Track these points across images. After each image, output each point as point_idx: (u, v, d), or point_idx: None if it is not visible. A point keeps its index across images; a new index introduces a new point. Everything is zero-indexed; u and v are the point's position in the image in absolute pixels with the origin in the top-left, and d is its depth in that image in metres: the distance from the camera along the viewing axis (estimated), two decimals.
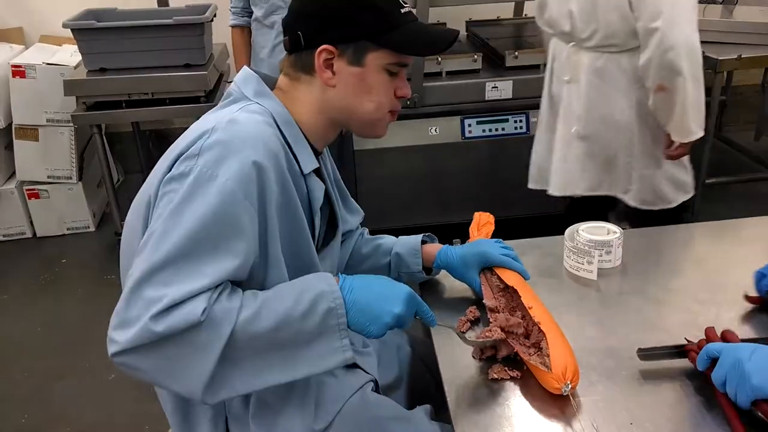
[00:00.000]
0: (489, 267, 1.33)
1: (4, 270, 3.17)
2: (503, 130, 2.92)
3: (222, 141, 0.96)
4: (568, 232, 1.48)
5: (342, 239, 1.34)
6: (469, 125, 2.91)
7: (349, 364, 1.24)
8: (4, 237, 3.40)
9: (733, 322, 1.25)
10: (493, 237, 1.43)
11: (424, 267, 1.37)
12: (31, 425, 2.22)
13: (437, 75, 2.88)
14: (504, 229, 1.51)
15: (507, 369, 1.13)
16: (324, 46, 1.06)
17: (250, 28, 2.64)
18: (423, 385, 1.39)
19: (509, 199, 3.05)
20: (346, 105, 1.10)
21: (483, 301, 1.26)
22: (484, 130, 2.92)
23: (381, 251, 1.39)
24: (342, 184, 1.35)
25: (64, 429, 2.19)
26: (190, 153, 0.97)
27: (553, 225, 1.73)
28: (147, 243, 0.92)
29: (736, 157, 3.70)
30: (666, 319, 1.27)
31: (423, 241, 1.39)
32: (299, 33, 1.07)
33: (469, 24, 3.57)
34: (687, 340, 1.18)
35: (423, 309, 1.07)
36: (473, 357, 1.18)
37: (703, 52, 1.87)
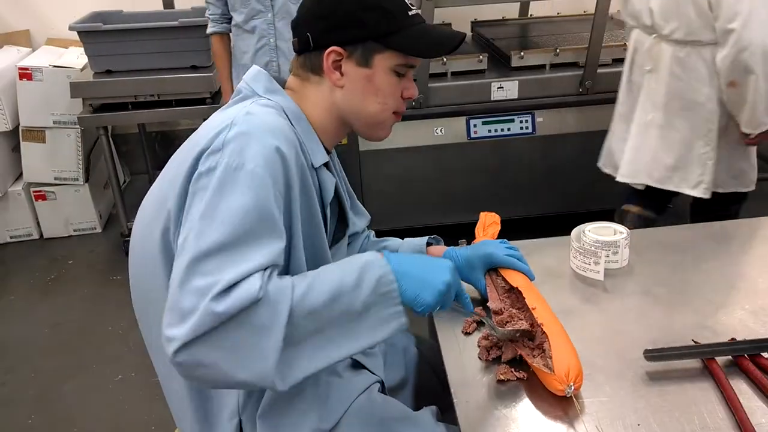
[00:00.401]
0: (494, 268, 1.33)
1: (12, 271, 3.19)
2: (509, 130, 2.92)
3: (243, 132, 0.97)
4: (574, 232, 1.47)
5: (348, 242, 1.34)
6: (475, 126, 2.90)
7: (356, 365, 1.24)
8: (12, 238, 3.42)
9: (741, 322, 1.24)
10: (498, 237, 1.43)
11: None
12: (38, 426, 2.23)
13: (442, 75, 2.87)
14: (510, 230, 1.51)
15: (513, 370, 1.12)
16: (332, 48, 1.07)
17: (230, 35, 2.62)
18: (429, 387, 1.39)
19: (515, 200, 3.04)
20: (353, 105, 1.12)
21: (488, 304, 1.26)
22: (489, 131, 2.91)
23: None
24: (350, 187, 1.35)
25: (70, 430, 2.20)
26: (214, 147, 0.97)
27: (559, 225, 1.72)
28: (186, 241, 0.92)
29: None
30: (673, 320, 1.26)
31: (428, 243, 1.39)
32: (308, 34, 1.09)
33: (475, 24, 3.57)
34: (694, 341, 1.17)
35: (462, 291, 1.10)
36: (479, 358, 1.17)
37: None
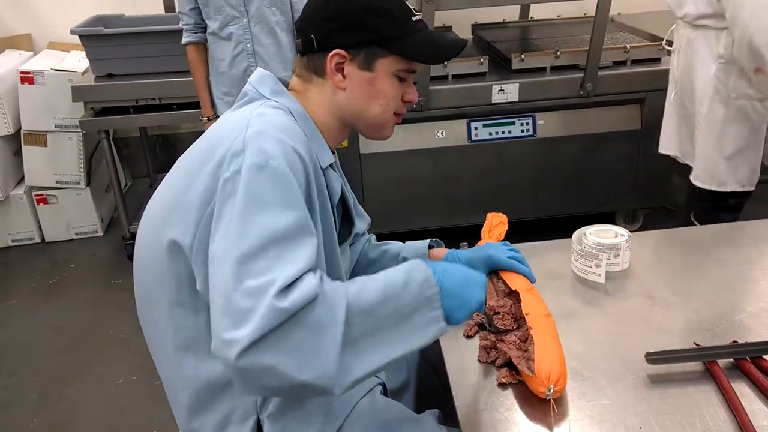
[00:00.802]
0: (496, 270, 1.33)
1: (13, 275, 3.19)
2: (510, 133, 2.92)
3: (261, 131, 0.98)
4: (575, 234, 1.47)
5: (350, 243, 1.34)
6: (476, 128, 2.90)
7: None
8: (13, 242, 3.42)
9: (743, 325, 1.24)
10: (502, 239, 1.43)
11: None
12: (39, 429, 2.23)
13: (443, 78, 2.88)
14: (511, 232, 1.51)
15: (514, 373, 1.12)
16: (336, 51, 1.08)
17: (205, 44, 2.60)
18: (431, 389, 1.39)
19: (516, 202, 3.04)
20: (355, 107, 1.13)
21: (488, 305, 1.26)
22: (490, 133, 2.91)
23: (388, 256, 1.39)
24: (349, 188, 1.35)
25: None
26: (235, 150, 0.96)
27: (560, 228, 1.72)
28: (226, 246, 0.89)
29: None
30: (675, 323, 1.26)
31: (430, 246, 1.39)
32: (312, 36, 1.09)
33: (475, 27, 3.58)
34: (696, 344, 1.17)
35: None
36: (479, 361, 1.18)
37: None
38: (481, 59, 2.87)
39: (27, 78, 3.18)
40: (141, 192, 3.78)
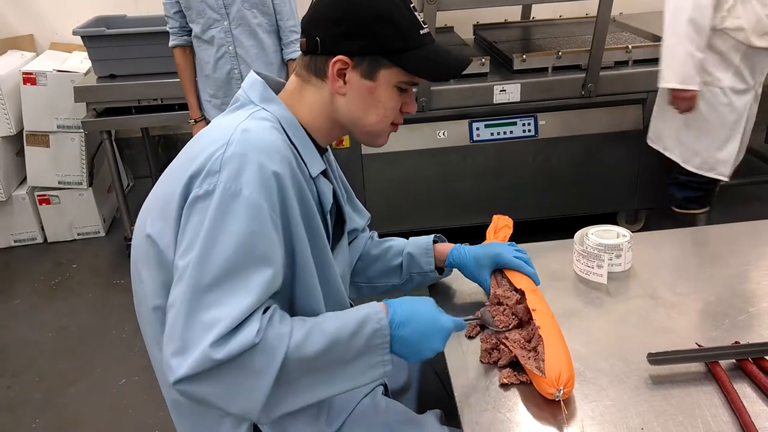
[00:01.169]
0: (500, 270, 1.33)
1: (16, 275, 3.20)
2: (511, 133, 2.92)
3: (239, 153, 0.97)
4: (577, 235, 1.47)
5: (349, 240, 1.34)
6: (477, 129, 2.90)
7: None
8: (16, 242, 3.43)
9: (745, 325, 1.24)
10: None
11: (436, 267, 1.37)
12: (42, 429, 2.23)
13: (445, 81, 2.87)
14: (513, 233, 1.51)
15: (517, 374, 1.12)
16: (339, 57, 1.06)
17: (192, 47, 2.62)
18: (432, 390, 1.39)
19: (517, 203, 3.04)
20: (352, 114, 1.11)
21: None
22: (492, 134, 2.91)
23: (392, 253, 1.40)
24: (347, 183, 1.35)
25: None
26: (211, 169, 0.97)
27: (562, 228, 1.72)
28: (187, 268, 0.93)
29: (747, 159, 3.67)
30: (676, 323, 1.26)
31: (434, 241, 1.39)
32: (317, 38, 1.07)
33: (477, 27, 3.58)
34: (698, 345, 1.17)
35: (461, 327, 1.12)
36: (481, 361, 1.18)
37: None
38: (483, 59, 2.87)
39: (29, 79, 3.18)
40: (143, 192, 3.77)
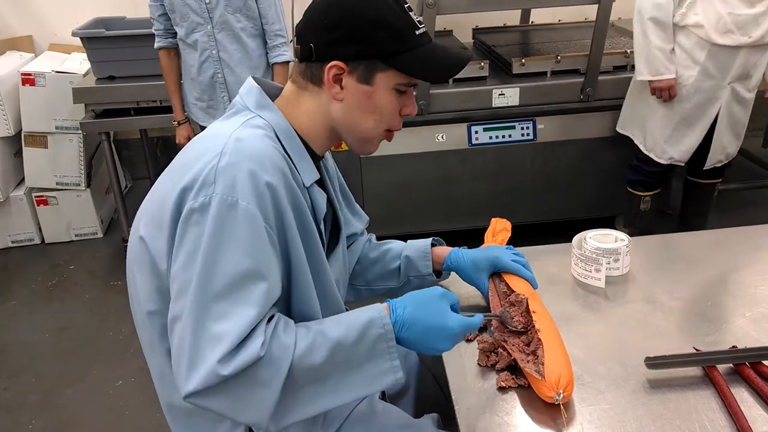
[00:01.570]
0: (498, 273, 1.33)
1: (13, 276, 3.19)
2: (510, 137, 2.92)
3: (233, 163, 0.97)
4: (575, 239, 1.47)
5: (348, 243, 1.34)
6: (476, 132, 2.91)
7: None
8: (13, 243, 3.42)
9: (742, 330, 1.24)
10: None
11: (434, 270, 1.37)
12: (39, 431, 2.22)
13: (444, 82, 2.88)
14: (511, 236, 1.51)
15: (514, 378, 1.12)
16: (335, 63, 1.05)
17: (177, 49, 2.62)
18: (430, 394, 1.39)
19: (516, 206, 3.05)
20: (349, 119, 1.10)
21: (485, 316, 1.25)
22: (491, 137, 2.92)
23: (390, 256, 1.39)
24: (346, 187, 1.35)
25: None
26: (206, 180, 0.96)
27: (560, 232, 1.72)
28: (191, 281, 0.93)
29: (745, 164, 3.68)
30: (674, 327, 1.26)
31: (432, 245, 1.39)
32: (311, 45, 1.06)
33: (476, 31, 3.58)
34: (695, 349, 1.17)
35: (473, 327, 1.07)
36: (479, 364, 1.18)
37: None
38: (482, 63, 2.87)
39: (28, 79, 3.18)
40: (141, 194, 3.76)
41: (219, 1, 2.42)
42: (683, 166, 2.70)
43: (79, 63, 3.33)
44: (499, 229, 1.51)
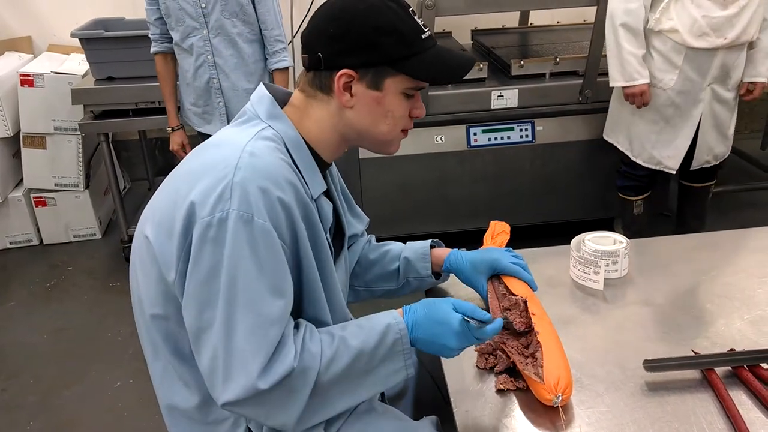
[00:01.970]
0: (497, 275, 1.33)
1: (11, 277, 3.19)
2: (509, 138, 2.93)
3: (249, 178, 0.97)
4: (574, 241, 1.48)
5: (348, 245, 1.34)
6: (475, 134, 2.91)
7: None
8: (11, 244, 3.42)
9: (740, 333, 1.25)
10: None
11: (433, 272, 1.38)
12: None
13: (452, 84, 2.88)
14: (509, 238, 1.52)
15: (513, 380, 1.13)
16: (344, 70, 1.05)
17: (173, 54, 2.59)
18: (429, 396, 1.39)
19: (514, 208, 3.05)
20: (362, 126, 1.11)
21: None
22: (489, 139, 2.92)
23: (389, 257, 1.40)
24: (346, 188, 1.35)
25: None
26: (222, 195, 0.97)
27: (559, 234, 1.73)
28: (216, 295, 0.96)
29: (743, 165, 3.69)
30: (672, 330, 1.26)
31: (431, 246, 1.39)
32: (319, 54, 1.07)
33: (475, 33, 3.58)
34: (693, 352, 1.17)
35: (477, 313, 1.08)
36: (477, 367, 1.18)
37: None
38: (481, 65, 2.88)
39: (27, 80, 3.18)
40: (140, 195, 3.78)
41: (215, 6, 2.40)
42: (674, 174, 2.69)
43: (77, 64, 3.32)
44: (498, 232, 1.51)
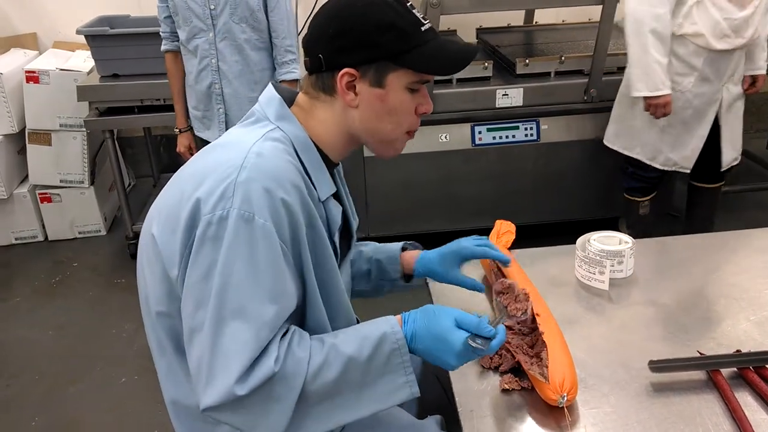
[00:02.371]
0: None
1: (16, 273, 3.20)
2: (513, 137, 2.92)
3: (253, 178, 0.97)
4: (579, 241, 1.47)
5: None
6: (480, 132, 2.90)
7: None
8: (17, 240, 3.43)
9: (746, 334, 1.24)
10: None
11: (405, 275, 1.37)
12: (41, 428, 2.23)
13: (448, 82, 2.88)
14: (514, 237, 1.51)
15: (518, 380, 1.13)
16: (346, 70, 1.05)
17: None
18: (433, 396, 1.38)
19: (519, 207, 3.04)
20: (367, 124, 1.10)
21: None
22: (494, 138, 2.92)
23: (363, 257, 1.39)
24: (347, 187, 1.35)
25: None
26: (224, 193, 0.97)
27: (564, 233, 1.72)
28: (209, 296, 0.95)
29: (749, 165, 3.68)
30: (678, 331, 1.26)
31: (403, 248, 1.39)
32: (320, 55, 1.06)
33: (480, 31, 3.58)
34: (699, 353, 1.17)
35: (482, 329, 1.02)
36: (482, 366, 1.18)
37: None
38: (486, 63, 2.87)
39: (32, 77, 3.18)
40: (144, 191, 3.79)
41: (224, 9, 2.33)
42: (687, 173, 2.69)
43: (83, 61, 3.33)
44: (503, 231, 1.51)
